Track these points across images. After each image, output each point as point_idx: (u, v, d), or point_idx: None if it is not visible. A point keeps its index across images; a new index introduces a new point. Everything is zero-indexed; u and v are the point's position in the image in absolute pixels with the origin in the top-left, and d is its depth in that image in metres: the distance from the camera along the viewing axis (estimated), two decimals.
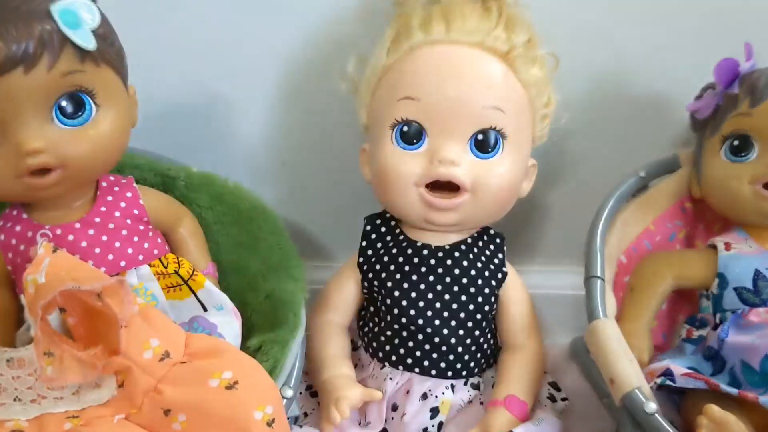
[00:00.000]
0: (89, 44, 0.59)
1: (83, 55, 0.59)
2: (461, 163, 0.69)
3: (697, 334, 0.74)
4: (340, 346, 0.75)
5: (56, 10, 0.57)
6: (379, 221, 0.76)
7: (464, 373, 0.73)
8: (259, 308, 0.72)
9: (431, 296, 0.72)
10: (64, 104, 0.60)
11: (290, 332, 0.67)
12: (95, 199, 0.67)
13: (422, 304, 0.72)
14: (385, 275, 0.73)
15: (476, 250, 0.74)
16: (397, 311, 0.72)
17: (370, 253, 0.75)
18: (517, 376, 0.73)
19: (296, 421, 0.72)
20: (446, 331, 0.72)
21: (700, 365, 0.69)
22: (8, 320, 0.65)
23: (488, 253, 0.75)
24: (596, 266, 0.73)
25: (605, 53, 0.82)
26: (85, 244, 0.65)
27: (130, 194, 0.68)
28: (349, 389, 0.70)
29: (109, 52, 0.62)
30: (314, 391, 0.75)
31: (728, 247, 0.74)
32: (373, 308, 0.76)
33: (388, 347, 0.73)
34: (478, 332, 0.73)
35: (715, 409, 0.60)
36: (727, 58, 0.72)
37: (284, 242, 0.75)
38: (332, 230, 0.92)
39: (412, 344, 0.72)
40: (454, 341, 0.72)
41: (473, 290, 0.73)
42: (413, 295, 0.72)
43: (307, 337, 0.72)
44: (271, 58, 0.82)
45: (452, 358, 0.72)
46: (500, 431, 0.68)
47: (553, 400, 0.75)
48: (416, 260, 0.73)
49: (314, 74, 0.82)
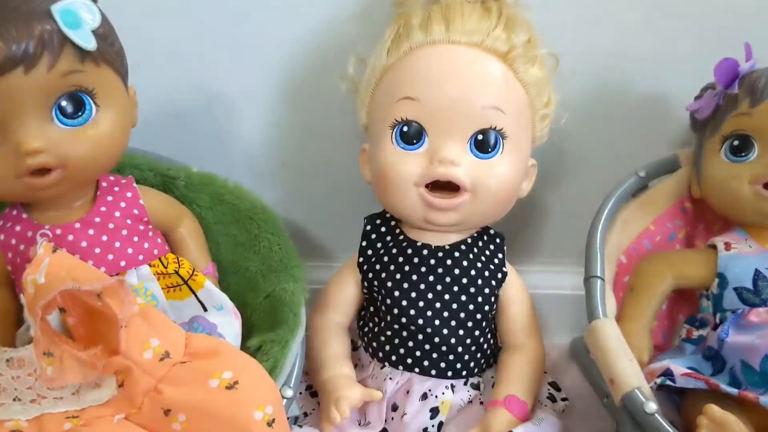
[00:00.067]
0: (89, 44, 0.59)
1: (83, 55, 0.59)
2: (461, 163, 0.69)
3: (697, 334, 0.74)
4: (340, 346, 0.75)
5: (56, 10, 0.57)
6: (379, 221, 0.76)
7: (464, 373, 0.73)
8: (259, 308, 0.73)
9: (431, 296, 0.72)
10: (64, 104, 0.60)
11: (290, 332, 0.67)
12: (95, 199, 0.67)
13: (422, 304, 0.72)
14: (385, 275, 0.73)
15: (476, 250, 0.74)
16: (397, 311, 0.72)
17: (370, 253, 0.75)
18: (517, 376, 0.73)
19: (296, 421, 0.72)
20: (446, 331, 0.72)
21: (700, 365, 0.69)
22: (8, 320, 0.65)
23: (488, 253, 0.75)
24: (596, 266, 0.73)
25: (605, 53, 0.82)
26: (85, 244, 0.65)
27: (130, 194, 0.68)
28: (349, 389, 0.70)
29: (109, 52, 0.62)
30: (314, 391, 0.75)
31: (728, 247, 0.74)
32: (373, 308, 0.76)
33: (388, 347, 0.73)
34: (478, 332, 0.73)
35: (715, 409, 0.60)
36: (727, 58, 0.72)
37: (284, 242, 0.75)
38: (332, 230, 0.92)
39: (412, 344, 0.72)
40: (454, 341, 0.72)
41: (473, 290, 0.73)
42: (413, 295, 0.72)
43: (307, 337, 0.72)
44: (271, 58, 0.82)
45: (452, 358, 0.72)
46: (500, 431, 0.68)
47: (553, 400, 0.75)
48: (416, 260, 0.73)
49: (314, 74, 0.82)
